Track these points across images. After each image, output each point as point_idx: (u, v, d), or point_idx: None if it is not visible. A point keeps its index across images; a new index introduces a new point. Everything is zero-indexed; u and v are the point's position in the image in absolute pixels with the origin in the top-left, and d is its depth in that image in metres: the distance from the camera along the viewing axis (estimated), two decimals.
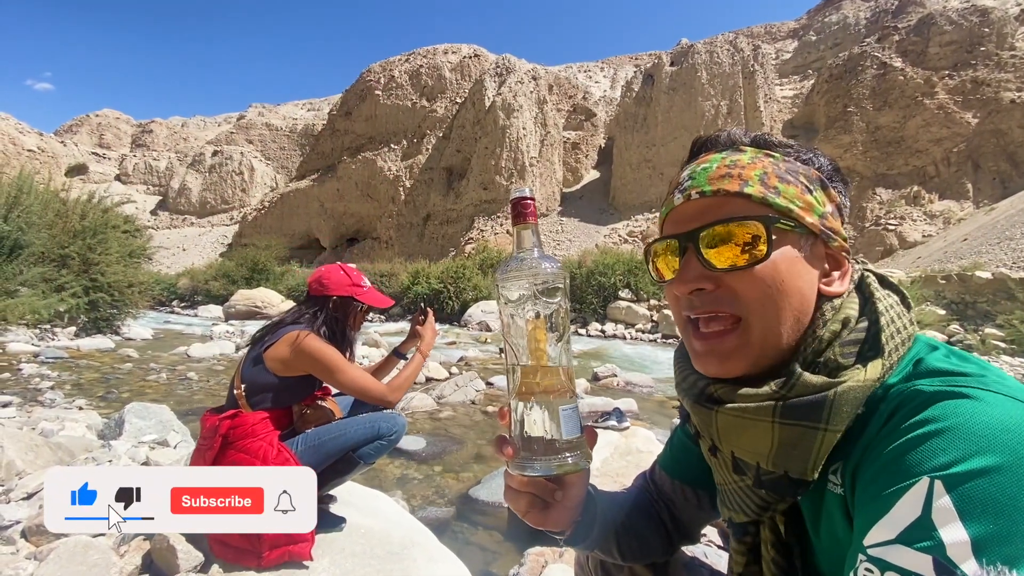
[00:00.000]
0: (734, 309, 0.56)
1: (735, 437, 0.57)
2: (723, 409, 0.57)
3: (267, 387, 1.78)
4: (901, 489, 0.42)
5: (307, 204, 44.33)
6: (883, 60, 31.69)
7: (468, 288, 18.73)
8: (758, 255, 0.54)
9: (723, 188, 0.57)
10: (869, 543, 0.43)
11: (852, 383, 0.51)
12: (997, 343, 10.94)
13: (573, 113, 43.38)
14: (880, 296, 0.58)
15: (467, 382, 5.75)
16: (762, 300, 0.55)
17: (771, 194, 0.56)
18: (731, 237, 0.55)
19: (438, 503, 2.99)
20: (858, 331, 0.55)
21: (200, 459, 1.72)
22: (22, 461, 2.50)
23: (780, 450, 0.54)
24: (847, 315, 0.56)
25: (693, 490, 0.79)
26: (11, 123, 52.96)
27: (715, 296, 0.57)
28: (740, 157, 0.59)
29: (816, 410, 0.51)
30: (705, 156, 0.63)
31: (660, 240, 0.63)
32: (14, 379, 5.34)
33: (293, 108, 72.25)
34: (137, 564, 1.74)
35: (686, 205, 0.59)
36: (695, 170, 0.61)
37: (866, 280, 0.60)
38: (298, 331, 1.80)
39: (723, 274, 0.56)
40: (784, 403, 0.53)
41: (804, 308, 0.56)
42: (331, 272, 1.98)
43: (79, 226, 9.31)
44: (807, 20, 50.83)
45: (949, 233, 25.51)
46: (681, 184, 0.61)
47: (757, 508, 0.59)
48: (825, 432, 0.51)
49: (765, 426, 0.54)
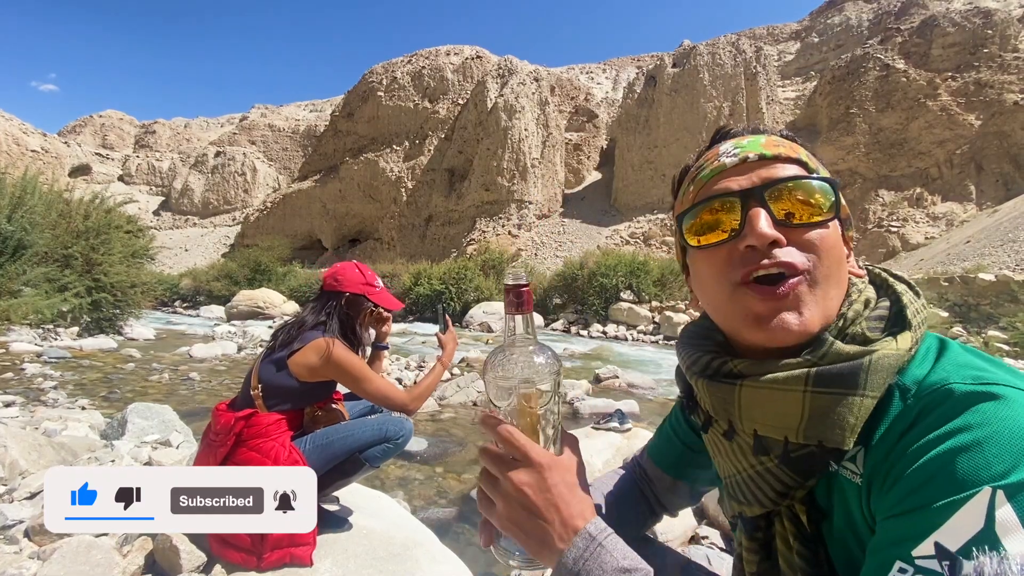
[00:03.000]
0: (799, 266, 0.53)
1: (759, 412, 0.55)
2: (748, 382, 0.55)
3: (287, 391, 1.79)
4: (959, 500, 0.40)
5: (309, 205, 44.41)
6: (886, 62, 31.64)
7: (470, 289, 18.74)
8: (830, 214, 0.55)
9: (782, 153, 0.57)
10: (920, 554, 0.41)
11: (887, 351, 0.50)
12: (1000, 346, 10.89)
13: (575, 114, 43.39)
14: (894, 282, 0.59)
15: (469, 383, 5.75)
16: (830, 257, 0.54)
17: (819, 169, 0.58)
18: (806, 193, 0.54)
19: (440, 504, 3.00)
20: (881, 309, 0.56)
21: (210, 455, 1.72)
22: (25, 461, 2.50)
23: (812, 419, 0.51)
24: (868, 296, 0.57)
25: (672, 479, 0.85)
26: (15, 124, 53.17)
27: (788, 251, 0.53)
28: (778, 139, 0.60)
29: (852, 376, 0.50)
30: (735, 139, 0.61)
31: (711, 199, 0.57)
32: (17, 379, 5.36)
33: (296, 109, 72.43)
34: (140, 564, 1.74)
35: (742, 166, 0.57)
36: (739, 143, 0.59)
37: (875, 270, 0.62)
38: (325, 339, 1.81)
39: (805, 228, 0.54)
40: (817, 370, 0.51)
41: (845, 280, 0.57)
42: (346, 269, 2.00)
43: (82, 226, 9.34)
44: (809, 21, 50.77)
45: (952, 235, 25.43)
46: (727, 152, 0.58)
47: (775, 495, 0.56)
48: (862, 398, 0.49)
49: (795, 395, 0.52)
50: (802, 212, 0.54)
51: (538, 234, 33.91)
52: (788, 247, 0.53)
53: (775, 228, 0.53)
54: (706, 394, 0.60)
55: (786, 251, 0.53)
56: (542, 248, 32.58)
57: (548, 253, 31.66)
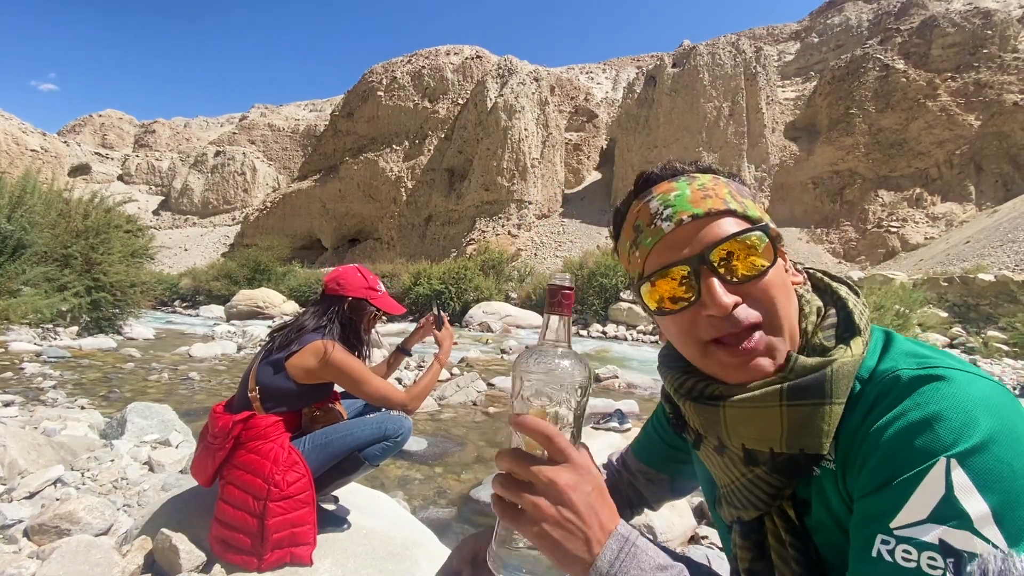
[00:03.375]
0: (761, 314, 0.58)
1: (744, 428, 0.59)
2: (730, 402, 0.59)
3: (285, 393, 1.78)
4: (921, 472, 0.45)
5: (309, 204, 44.40)
6: (885, 62, 31.65)
7: (469, 289, 18.74)
8: (768, 261, 0.58)
9: (712, 208, 0.59)
10: (897, 525, 0.46)
11: (844, 359, 0.56)
12: (1000, 346, 10.90)
13: (575, 114, 43.40)
14: (836, 287, 0.65)
15: (468, 383, 5.75)
16: (781, 294, 0.59)
17: (746, 208, 0.61)
18: (746, 248, 0.58)
19: (439, 504, 3.00)
20: (830, 317, 0.62)
21: (209, 459, 1.72)
22: (25, 460, 2.50)
23: (792, 431, 0.56)
24: (817, 306, 0.63)
25: (655, 471, 0.91)
26: (15, 123, 53.13)
27: (746, 311, 0.58)
28: (702, 180, 0.63)
29: (820, 388, 0.55)
30: (660, 186, 0.64)
31: (663, 270, 0.60)
32: (17, 378, 5.35)
33: (295, 109, 72.40)
34: (139, 563, 1.74)
35: (679, 230, 0.60)
36: (666, 198, 0.62)
37: (815, 276, 0.67)
38: (324, 341, 1.81)
39: (751, 283, 0.58)
40: (788, 385, 0.56)
41: (795, 301, 0.62)
42: (348, 273, 1.99)
43: (82, 226, 9.33)
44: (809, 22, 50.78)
45: (951, 235, 25.46)
46: (659, 214, 0.61)
47: (768, 498, 0.60)
48: (832, 405, 0.55)
49: (774, 411, 0.57)
50: (748, 268, 0.58)
51: (538, 234, 33.92)
52: (743, 305, 0.58)
53: (729, 290, 0.57)
54: (694, 415, 0.65)
55: (744, 312, 0.57)
56: (542, 248, 32.58)
57: (548, 253, 31.67)
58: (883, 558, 0.46)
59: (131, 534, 1.91)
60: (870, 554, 0.47)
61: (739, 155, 32.45)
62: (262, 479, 1.64)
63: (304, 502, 1.68)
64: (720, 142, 32.93)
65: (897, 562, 0.45)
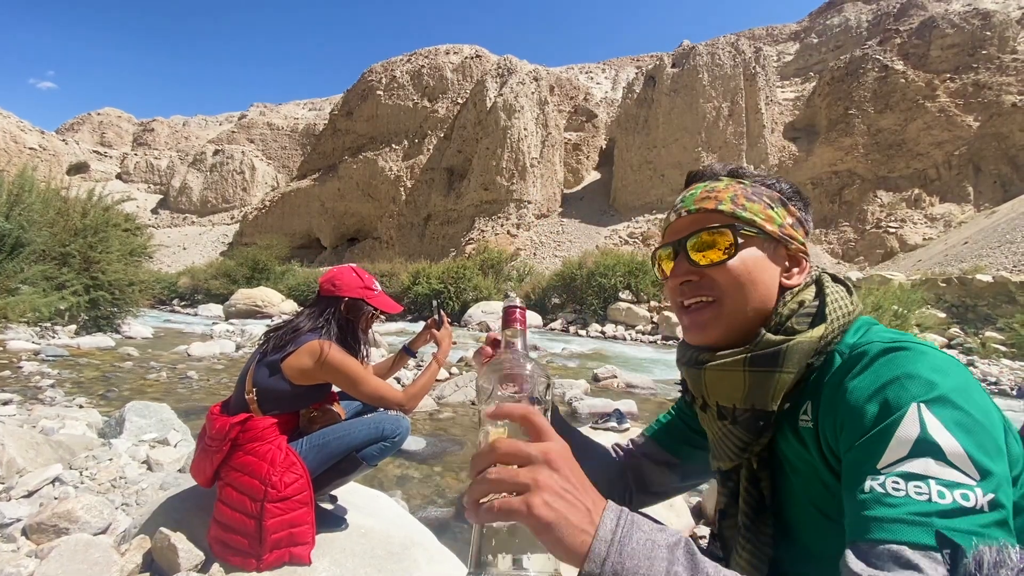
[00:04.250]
0: (712, 294, 0.74)
1: (717, 388, 0.74)
2: (709, 367, 0.74)
3: (281, 395, 1.77)
4: (898, 418, 0.54)
5: (308, 203, 44.35)
6: (884, 63, 31.70)
7: (468, 288, 18.75)
8: (728, 253, 0.73)
9: (703, 207, 0.76)
10: (883, 464, 0.52)
11: (801, 339, 0.68)
12: (997, 346, 10.92)
13: (574, 114, 43.40)
14: (830, 287, 0.75)
15: (467, 382, 5.75)
16: (733, 286, 0.73)
17: (739, 209, 0.74)
18: (708, 240, 0.74)
19: (438, 503, 3.00)
20: (810, 307, 0.73)
21: (207, 460, 1.71)
22: (23, 459, 2.50)
23: (750, 391, 0.70)
24: (803, 299, 0.74)
25: (667, 453, 0.97)
26: (12, 121, 53.00)
27: (698, 285, 0.75)
28: (717, 184, 0.78)
29: (774, 358, 0.68)
30: (693, 185, 0.82)
31: (661, 247, 0.82)
32: (15, 377, 5.34)
33: (294, 107, 72.33)
34: (138, 562, 1.74)
35: (678, 220, 0.79)
36: (685, 195, 0.81)
37: (821, 277, 0.79)
38: (320, 341, 1.79)
39: (704, 269, 0.74)
40: (751, 355, 0.70)
41: (767, 294, 0.74)
42: (343, 273, 1.97)
43: (80, 224, 9.31)
44: (809, 22, 50.83)
45: (950, 236, 25.50)
46: (675, 206, 0.81)
47: (737, 450, 0.74)
48: (780, 374, 0.68)
49: (738, 374, 0.71)
50: (705, 258, 0.74)
51: (537, 234, 33.92)
52: (699, 281, 0.75)
53: (691, 270, 0.75)
54: (687, 378, 0.80)
55: (695, 286, 0.75)
56: (541, 248, 32.59)
57: (547, 253, 31.67)
58: (874, 491, 0.51)
59: (129, 533, 1.91)
60: (862, 492, 0.53)
61: (738, 155, 32.46)
62: (259, 480, 1.63)
63: (302, 503, 1.68)
64: (719, 142, 32.95)
65: (889, 493, 0.51)
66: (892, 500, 0.50)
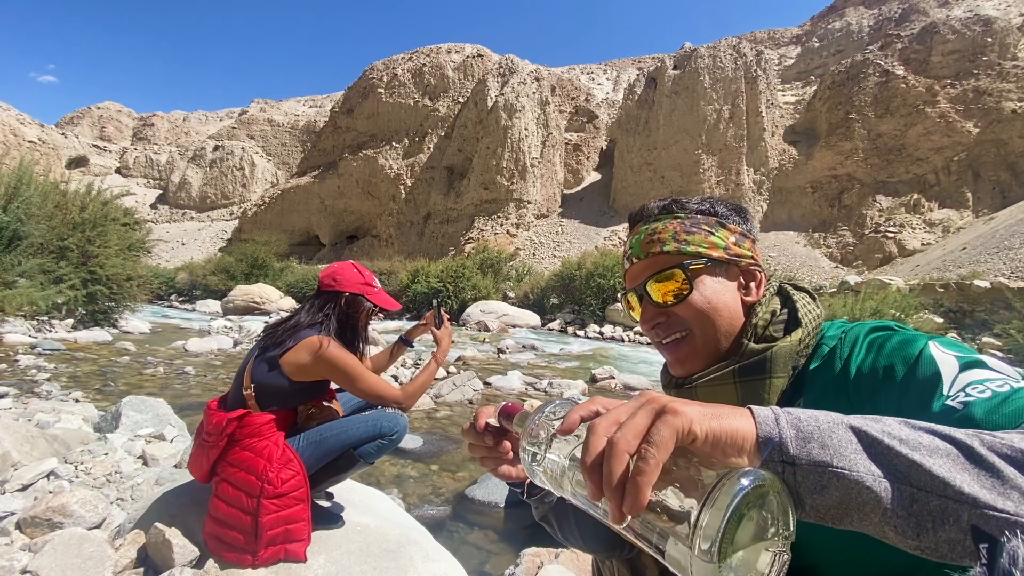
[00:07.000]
0: (683, 328, 0.79)
1: (711, 402, 0.67)
2: (699, 383, 0.77)
3: (280, 390, 1.77)
4: (926, 356, 0.60)
5: (307, 201, 44.28)
6: (885, 68, 31.75)
7: (467, 288, 18.72)
8: (685, 290, 0.78)
9: (650, 251, 0.81)
10: (949, 393, 0.55)
11: (782, 344, 0.73)
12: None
13: (575, 115, 43.40)
14: (795, 296, 0.81)
15: (465, 381, 5.75)
16: (699, 318, 0.77)
17: (682, 246, 0.79)
18: (664, 283, 0.79)
19: (435, 502, 3.00)
20: (782, 315, 0.79)
21: (204, 456, 1.70)
22: (18, 452, 2.49)
23: (744, 401, 0.73)
24: (773, 308, 0.80)
25: None
26: (12, 114, 52.85)
27: (668, 324, 0.80)
28: (656, 225, 0.82)
29: (762, 366, 0.73)
30: (636, 228, 0.86)
31: (626, 292, 0.87)
32: (11, 370, 5.33)
33: (295, 104, 72.21)
34: (132, 557, 1.73)
35: (633, 267, 0.84)
36: (632, 241, 0.85)
37: (784, 287, 0.84)
38: (319, 336, 1.78)
39: (669, 307, 0.79)
40: (739, 366, 0.74)
41: (733, 315, 0.79)
42: (344, 269, 1.97)
43: (78, 218, 9.29)
44: (810, 26, 50.92)
45: (948, 242, 25.56)
46: (626, 252, 0.87)
47: None
48: (772, 379, 0.73)
49: (730, 386, 0.75)
50: (665, 297, 0.79)
51: (536, 234, 33.92)
52: (666, 323, 0.80)
53: (657, 312, 0.80)
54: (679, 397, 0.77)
55: (666, 325, 0.80)
56: (540, 248, 32.59)
57: (546, 253, 31.68)
58: (959, 401, 0.54)
59: (124, 528, 1.90)
60: (949, 411, 0.54)
61: (738, 158, 32.51)
62: (256, 476, 1.63)
63: (298, 499, 1.67)
64: (719, 145, 32.98)
65: (976, 398, 0.52)
66: (982, 402, 0.52)
